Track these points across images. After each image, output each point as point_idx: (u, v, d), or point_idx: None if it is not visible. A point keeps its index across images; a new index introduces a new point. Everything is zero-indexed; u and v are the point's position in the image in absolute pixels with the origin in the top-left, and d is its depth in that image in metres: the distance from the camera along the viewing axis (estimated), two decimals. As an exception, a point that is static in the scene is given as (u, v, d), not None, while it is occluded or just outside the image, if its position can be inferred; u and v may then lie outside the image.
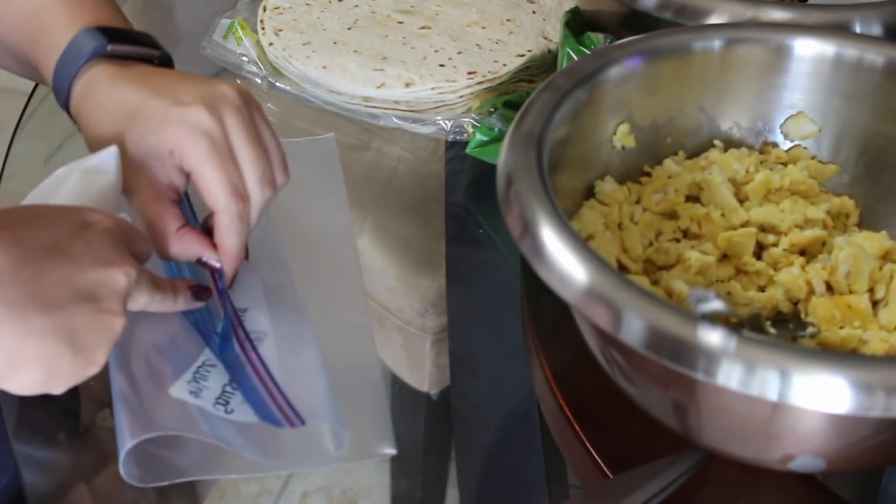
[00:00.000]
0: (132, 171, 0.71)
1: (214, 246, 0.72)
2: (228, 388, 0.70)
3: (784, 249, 0.76)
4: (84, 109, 0.74)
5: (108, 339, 0.63)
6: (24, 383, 0.61)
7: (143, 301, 0.67)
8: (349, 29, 1.06)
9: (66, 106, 0.76)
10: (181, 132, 0.70)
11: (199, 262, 0.73)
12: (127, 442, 0.66)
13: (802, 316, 0.73)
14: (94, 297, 0.62)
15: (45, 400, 0.73)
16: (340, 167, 0.92)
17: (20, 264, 0.60)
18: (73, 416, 0.77)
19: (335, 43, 1.04)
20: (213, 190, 0.70)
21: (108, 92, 0.73)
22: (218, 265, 0.73)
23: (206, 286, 0.73)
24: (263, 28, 1.06)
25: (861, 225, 0.80)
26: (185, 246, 0.72)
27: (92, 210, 0.66)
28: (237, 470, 0.72)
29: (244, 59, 1.05)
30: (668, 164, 0.81)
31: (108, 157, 0.70)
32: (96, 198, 0.69)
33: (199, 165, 0.70)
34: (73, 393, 0.75)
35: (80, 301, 0.61)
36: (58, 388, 0.62)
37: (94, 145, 0.73)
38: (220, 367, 0.72)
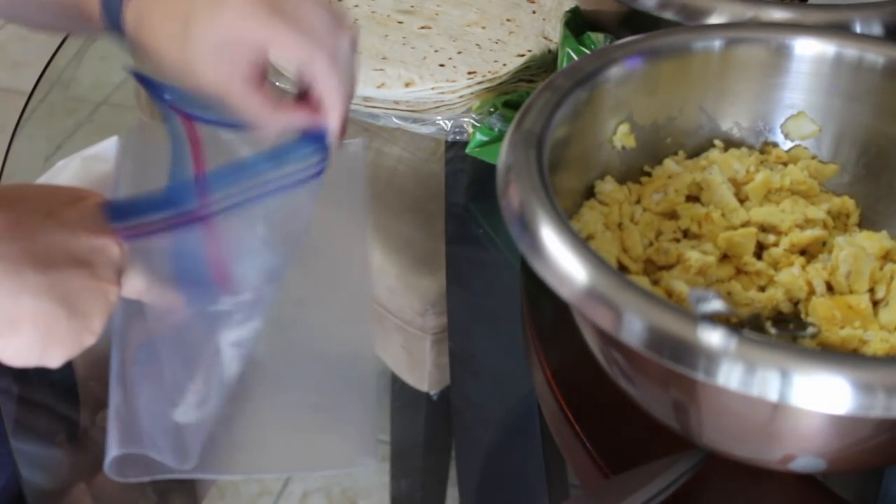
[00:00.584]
0: (212, 66, 0.70)
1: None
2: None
3: (784, 249, 0.76)
4: (142, 26, 0.72)
5: (103, 307, 0.63)
6: (20, 346, 0.61)
7: (141, 283, 0.66)
8: (349, 29, 1.06)
9: (118, 30, 0.75)
10: (239, 12, 0.68)
11: (304, 134, 0.71)
12: (113, 450, 0.66)
13: (803, 316, 0.73)
14: (89, 263, 0.62)
15: (44, 400, 0.73)
16: (364, 172, 0.91)
17: (14, 225, 0.61)
18: (71, 417, 0.77)
19: (335, 43, 1.04)
20: (295, 46, 0.69)
21: (159, 3, 0.72)
22: (321, 129, 0.70)
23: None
24: (263, 28, 1.06)
25: (861, 225, 0.80)
26: (288, 115, 0.70)
27: (86, 189, 0.66)
28: (221, 471, 0.72)
29: (244, 58, 1.05)
30: (669, 163, 0.81)
31: (108, 147, 0.70)
32: (95, 182, 0.69)
33: (270, 32, 0.68)
34: (72, 394, 0.76)
35: (74, 265, 0.61)
36: (54, 357, 0.62)
37: (161, 58, 0.71)
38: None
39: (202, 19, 0.69)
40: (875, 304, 0.73)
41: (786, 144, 0.83)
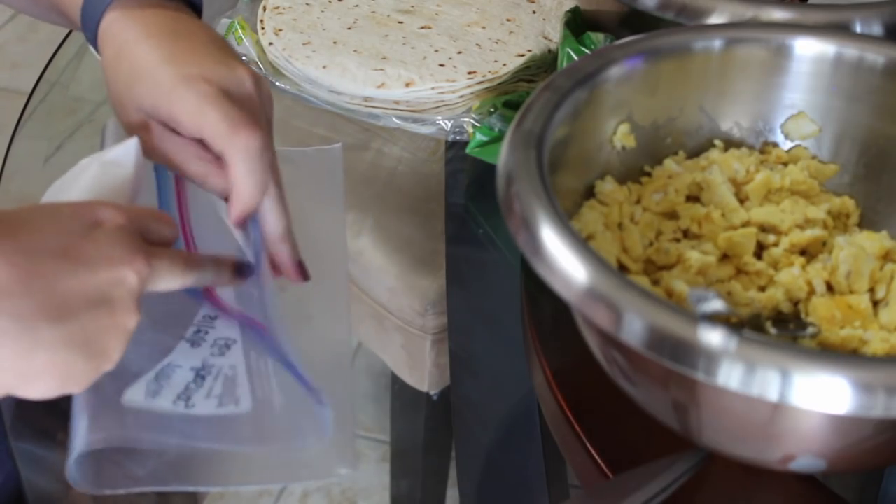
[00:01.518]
0: (136, 125, 0.70)
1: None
2: (192, 385, 0.70)
3: (784, 249, 0.76)
4: (105, 61, 0.73)
5: (122, 339, 0.61)
6: (39, 392, 0.60)
7: (174, 285, 0.65)
8: (349, 29, 1.06)
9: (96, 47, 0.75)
10: (184, 105, 0.68)
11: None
12: (77, 447, 0.65)
13: (803, 316, 0.73)
14: (106, 301, 0.60)
15: (43, 401, 0.73)
16: (343, 178, 0.91)
17: (29, 276, 0.58)
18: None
19: (335, 43, 1.04)
20: (219, 129, 0.68)
21: (122, 46, 0.72)
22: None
23: (248, 263, 0.72)
24: (263, 28, 1.06)
25: (861, 225, 0.80)
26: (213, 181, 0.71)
27: (103, 206, 0.64)
28: (196, 482, 0.71)
29: (244, 58, 1.05)
30: (669, 164, 0.81)
31: (128, 150, 0.69)
32: (113, 190, 0.68)
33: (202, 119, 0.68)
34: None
35: (92, 307, 0.60)
36: (74, 390, 0.61)
37: (111, 98, 0.72)
38: (186, 368, 0.71)
39: (159, 83, 0.69)
40: (875, 304, 0.73)
41: (786, 144, 0.83)
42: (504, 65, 1.02)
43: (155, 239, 0.65)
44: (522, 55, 1.03)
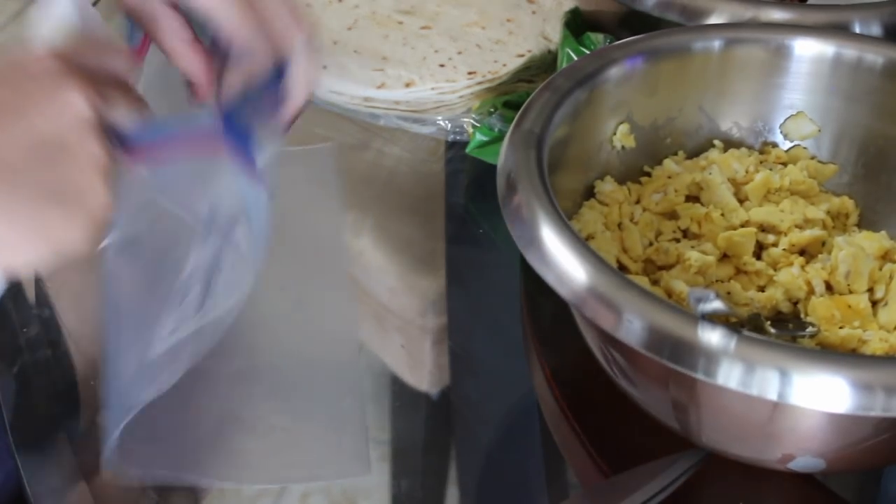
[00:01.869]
0: None
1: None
2: (208, 287, 0.68)
3: (784, 249, 0.76)
4: None
5: (94, 173, 0.53)
6: (26, 258, 0.53)
7: (133, 117, 0.57)
8: (349, 29, 1.06)
9: None
10: None
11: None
12: (120, 424, 0.66)
13: (802, 316, 0.73)
14: (55, 140, 0.53)
15: (44, 399, 0.73)
16: (336, 176, 0.91)
17: None
18: (73, 416, 0.77)
19: (335, 43, 1.04)
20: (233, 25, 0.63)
21: None
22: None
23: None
24: (263, 28, 1.06)
25: (860, 225, 0.80)
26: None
27: (23, 56, 0.55)
28: (213, 477, 0.72)
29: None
30: (668, 164, 0.81)
31: (65, 5, 0.64)
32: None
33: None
34: (73, 393, 0.76)
35: (37, 154, 0.52)
36: (81, 245, 0.54)
37: None
38: (199, 272, 0.69)
39: None
40: (874, 303, 0.73)
41: (785, 144, 0.83)
42: (504, 65, 1.02)
43: (104, 70, 0.57)
44: (522, 55, 1.03)
